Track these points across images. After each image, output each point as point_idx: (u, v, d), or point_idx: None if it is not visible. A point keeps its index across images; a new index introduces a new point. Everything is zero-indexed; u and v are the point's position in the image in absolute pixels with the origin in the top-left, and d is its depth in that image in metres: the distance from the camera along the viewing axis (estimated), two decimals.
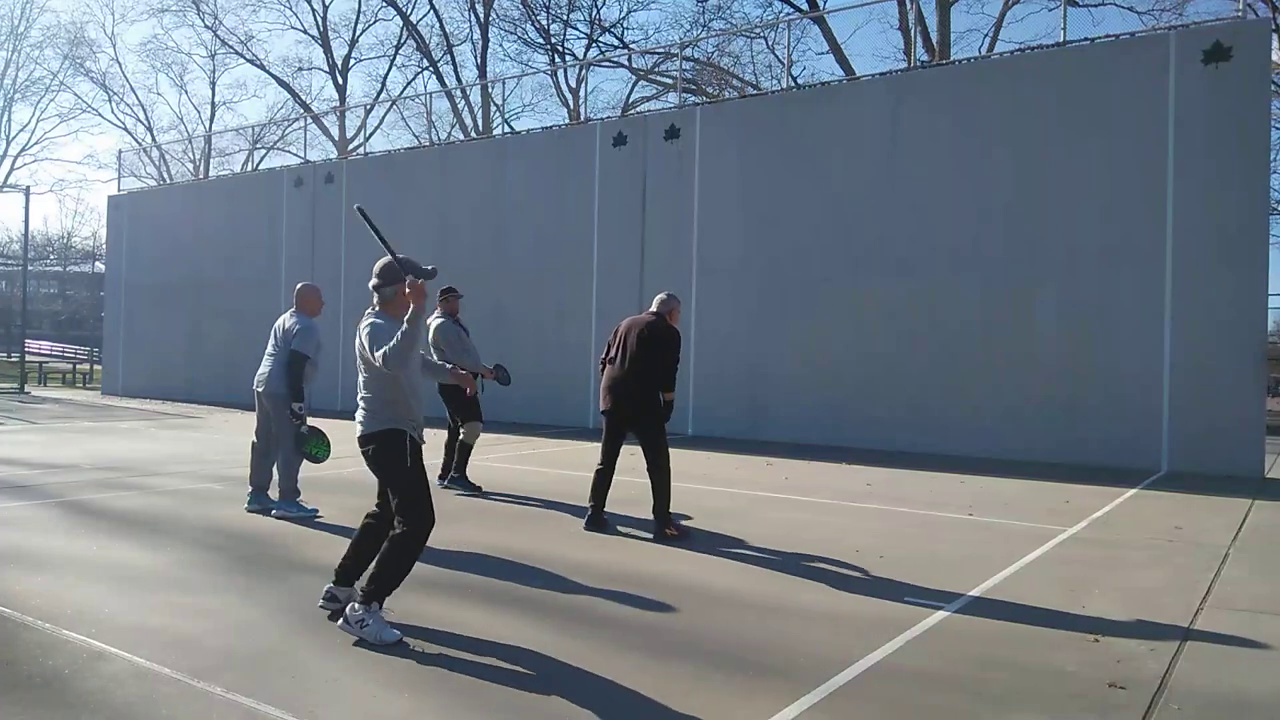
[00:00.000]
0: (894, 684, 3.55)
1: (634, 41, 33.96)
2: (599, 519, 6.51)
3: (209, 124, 44.81)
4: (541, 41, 33.18)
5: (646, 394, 6.32)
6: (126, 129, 51.43)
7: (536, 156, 16.63)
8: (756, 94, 20.03)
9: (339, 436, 6.63)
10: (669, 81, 29.76)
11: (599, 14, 35.22)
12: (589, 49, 32.66)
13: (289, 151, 38.30)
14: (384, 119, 37.93)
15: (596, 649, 3.89)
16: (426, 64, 35.72)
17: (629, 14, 53.66)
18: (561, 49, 33.38)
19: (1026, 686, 3.55)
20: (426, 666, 3.64)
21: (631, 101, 32.04)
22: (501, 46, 71.98)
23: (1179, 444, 10.81)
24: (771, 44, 27.16)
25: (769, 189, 13.87)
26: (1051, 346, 11.63)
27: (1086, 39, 12.08)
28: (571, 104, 32.71)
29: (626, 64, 31.71)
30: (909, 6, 23.25)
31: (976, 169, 12.25)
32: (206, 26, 40.87)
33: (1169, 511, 7.87)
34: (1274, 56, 13.99)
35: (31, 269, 43.68)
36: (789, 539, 6.27)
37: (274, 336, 6.92)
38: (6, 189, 42.24)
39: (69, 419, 15.86)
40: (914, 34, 22.64)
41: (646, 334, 6.33)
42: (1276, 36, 16.44)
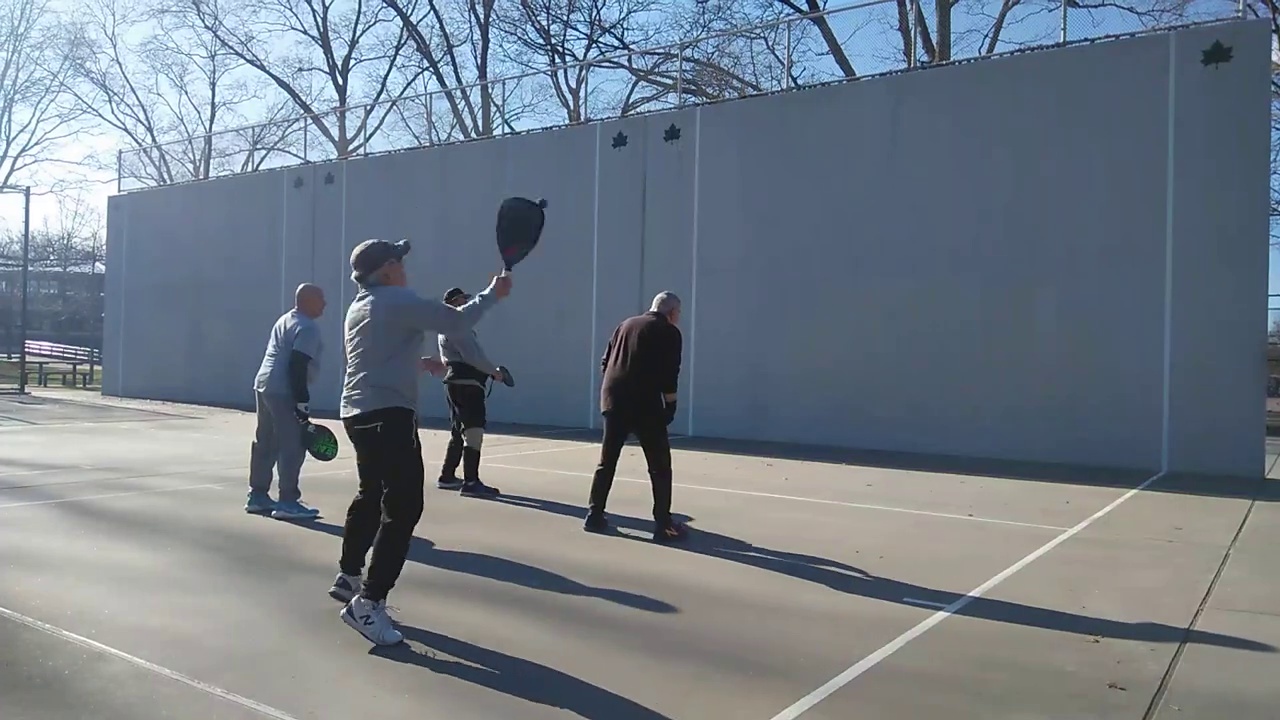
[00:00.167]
0: (894, 684, 3.55)
1: (634, 42, 33.98)
2: (599, 519, 6.51)
3: (209, 124, 44.85)
4: (541, 42, 33.22)
5: (648, 394, 6.31)
6: (126, 129, 51.47)
7: (536, 157, 16.63)
8: (756, 94, 20.04)
9: (343, 436, 6.63)
10: (669, 82, 29.76)
11: (599, 15, 35.30)
12: (589, 50, 32.68)
13: (289, 152, 38.34)
14: (384, 119, 37.99)
15: (596, 649, 3.89)
16: (426, 64, 35.75)
17: (629, 14, 53.79)
18: (561, 50, 33.41)
19: (1026, 687, 3.55)
20: (427, 667, 3.64)
21: (631, 102, 32.06)
22: (501, 47, 72.11)
23: (1179, 444, 10.81)
24: (771, 44, 27.19)
25: (769, 189, 13.87)
26: (1051, 346, 11.63)
27: (1086, 39, 12.08)
28: (571, 104, 32.73)
29: (626, 64, 31.72)
30: (909, 7, 23.25)
31: (976, 169, 12.25)
32: (206, 27, 40.91)
33: (1169, 512, 7.87)
34: (1274, 56, 14.00)
35: (32, 269, 43.68)
36: (789, 539, 6.27)
37: (275, 337, 6.92)
38: (6, 189, 42.26)
39: (69, 419, 15.86)
40: (914, 34, 22.64)
41: (647, 334, 6.33)
42: (1276, 36, 16.44)
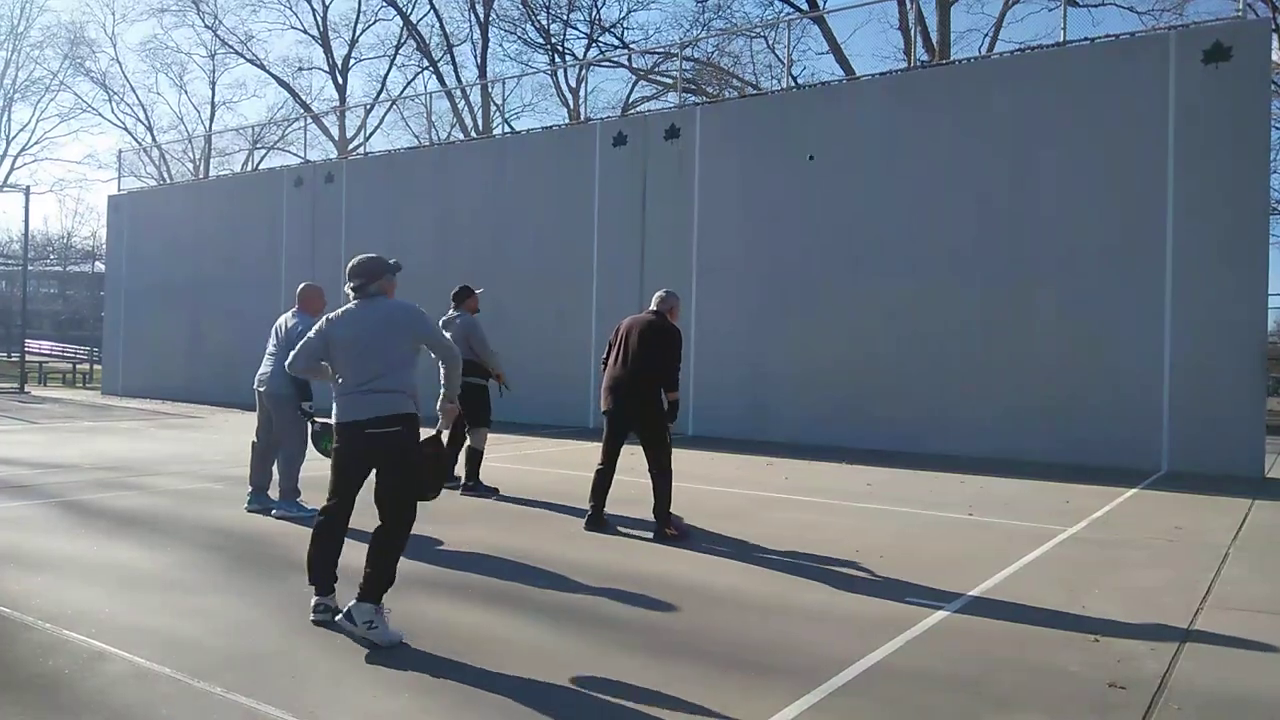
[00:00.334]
0: (895, 683, 3.55)
1: (634, 41, 33.99)
2: (599, 519, 6.51)
3: (209, 124, 44.84)
4: (541, 41, 33.23)
5: (648, 393, 6.31)
6: (126, 129, 51.55)
7: (536, 156, 16.63)
8: (756, 94, 20.04)
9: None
10: (669, 81, 29.76)
11: (599, 14, 35.26)
12: (589, 49, 32.68)
13: (289, 151, 38.31)
14: (384, 119, 38.00)
15: (597, 649, 3.89)
16: (426, 64, 35.76)
17: (629, 14, 53.82)
18: (561, 49, 33.41)
19: (1027, 686, 3.55)
20: (427, 667, 3.64)
21: (631, 101, 32.07)
22: (501, 46, 72.03)
23: (1179, 444, 10.81)
24: (771, 44, 27.19)
25: (769, 189, 13.87)
26: (1051, 346, 11.63)
27: (1086, 39, 12.08)
28: (571, 104, 32.72)
29: (626, 64, 31.73)
30: (909, 6, 23.26)
31: (976, 169, 12.25)
32: (206, 26, 40.95)
33: (1169, 511, 7.87)
34: (1274, 56, 14.00)
35: (31, 269, 43.65)
36: (789, 539, 6.27)
37: (275, 336, 6.92)
38: (6, 189, 42.28)
39: (69, 419, 15.86)
40: (914, 34, 22.64)
41: (647, 333, 6.33)
42: (1276, 36, 16.44)
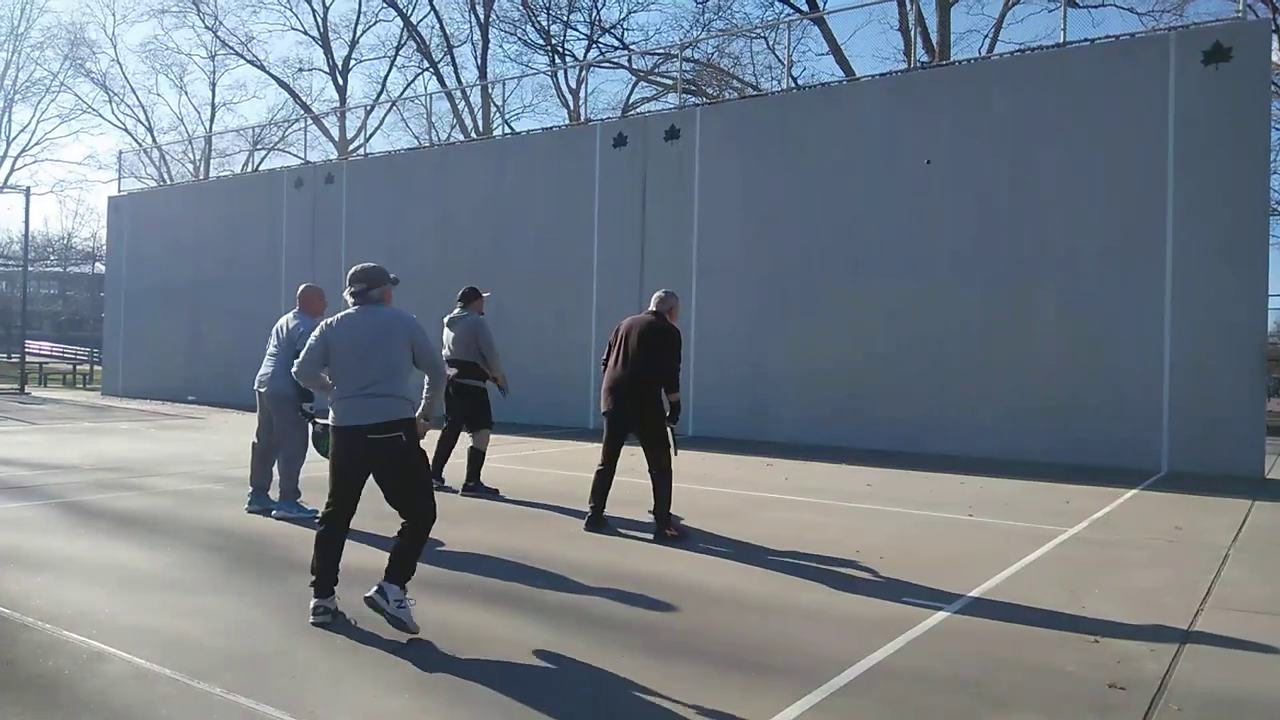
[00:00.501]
0: (894, 684, 3.55)
1: (634, 42, 33.96)
2: (599, 520, 6.51)
3: (209, 125, 44.84)
4: (541, 43, 33.22)
5: (648, 394, 6.32)
6: (127, 130, 51.57)
7: (536, 157, 16.63)
8: (756, 95, 20.04)
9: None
10: (669, 82, 29.76)
11: (599, 15, 35.29)
12: (589, 50, 32.69)
13: (289, 152, 38.32)
14: (384, 120, 37.96)
15: (597, 649, 3.89)
16: (427, 65, 35.75)
17: (629, 15, 53.85)
18: (561, 50, 33.41)
19: (1026, 687, 3.55)
20: (426, 666, 3.65)
21: (632, 102, 32.05)
22: (501, 47, 72.04)
23: (1179, 444, 10.81)
24: (771, 45, 27.19)
25: (769, 189, 13.87)
26: (1051, 346, 11.63)
27: (1086, 39, 12.08)
28: (572, 105, 32.74)
29: (626, 65, 31.72)
30: (909, 7, 23.26)
31: (976, 169, 12.25)
32: (206, 27, 40.90)
33: (1169, 512, 7.87)
34: (1274, 57, 14.00)
35: (32, 270, 43.66)
36: (789, 539, 6.27)
37: (275, 336, 6.92)
38: (7, 189, 42.27)
39: (69, 419, 15.86)
40: (914, 35, 22.64)
41: (646, 334, 6.33)
42: (1276, 37, 16.44)
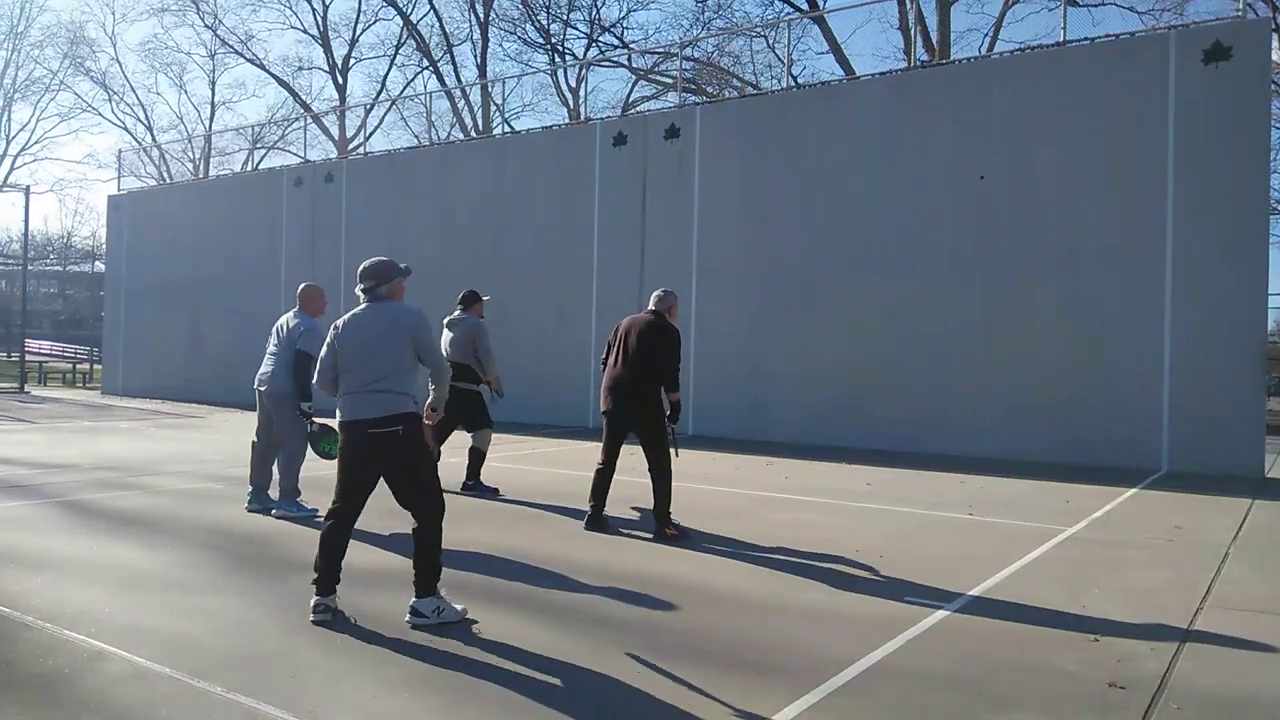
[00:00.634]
0: (894, 684, 3.55)
1: (634, 41, 33.99)
2: (599, 519, 6.51)
3: (209, 124, 44.85)
4: (541, 41, 33.22)
5: (647, 393, 6.32)
6: (126, 129, 51.58)
7: (536, 156, 16.62)
8: (756, 94, 20.03)
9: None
10: (669, 81, 29.76)
11: (599, 14, 35.23)
12: (589, 49, 32.68)
13: (289, 151, 38.30)
14: (384, 119, 38.00)
15: (597, 648, 3.89)
16: (426, 64, 35.76)
17: (629, 14, 53.84)
18: (561, 49, 33.41)
19: (1026, 686, 3.55)
20: (427, 666, 3.65)
21: (631, 101, 32.07)
22: (501, 46, 72.00)
23: (1179, 444, 10.81)
24: (771, 43, 27.18)
25: (769, 189, 13.87)
26: (1051, 346, 11.63)
27: (1086, 38, 12.08)
28: (571, 104, 32.71)
29: (626, 64, 31.73)
30: (909, 6, 23.25)
31: (976, 169, 12.25)
32: (206, 26, 40.96)
33: (1169, 511, 7.87)
34: (1274, 56, 13.99)
35: (31, 268, 43.67)
36: (789, 539, 6.27)
37: (276, 336, 6.92)
38: (6, 188, 42.28)
39: (69, 419, 15.86)
40: (914, 34, 22.63)
41: (646, 333, 6.33)
42: (1276, 36, 16.44)
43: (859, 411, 12.87)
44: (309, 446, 6.76)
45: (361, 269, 4.42)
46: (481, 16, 33.56)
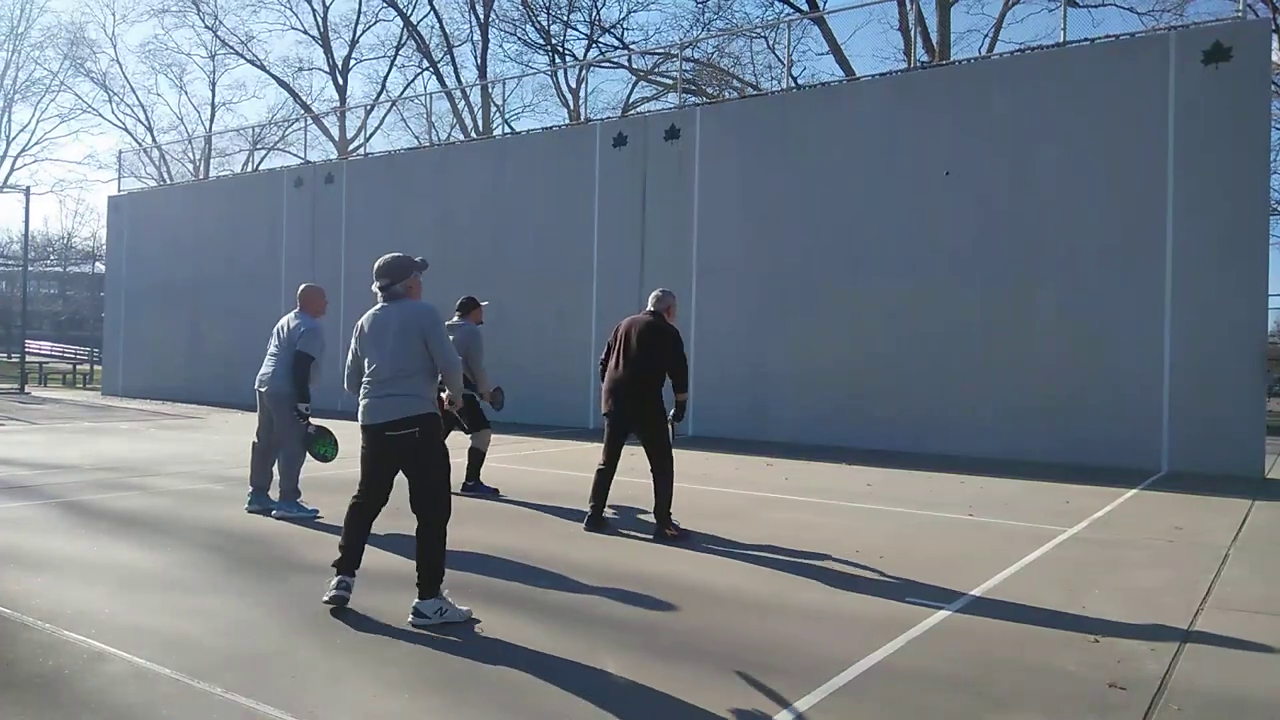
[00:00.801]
0: (894, 684, 3.55)
1: (634, 42, 33.96)
2: (599, 519, 6.51)
3: (209, 124, 44.86)
4: (541, 42, 33.21)
5: (648, 394, 6.32)
6: (126, 129, 51.63)
7: (536, 157, 16.63)
8: (756, 94, 20.04)
9: (343, 436, 6.65)
10: (669, 82, 29.76)
11: (599, 15, 35.26)
12: (589, 50, 32.68)
13: (289, 152, 38.35)
14: (384, 119, 38.00)
15: (597, 649, 3.89)
16: (426, 65, 35.75)
17: (629, 14, 53.84)
18: (561, 50, 33.41)
19: (1026, 686, 3.55)
20: (427, 666, 3.65)
21: (631, 102, 32.06)
22: (501, 47, 72.05)
23: (1179, 444, 10.81)
24: (772, 44, 27.20)
25: (769, 189, 13.87)
26: (1051, 346, 11.63)
27: (1086, 39, 12.08)
28: (571, 104, 32.74)
29: (626, 64, 31.72)
30: (909, 7, 23.26)
31: (976, 169, 12.25)
32: (206, 27, 40.92)
33: (1169, 511, 7.87)
34: (1274, 56, 13.99)
35: (32, 269, 43.67)
36: (789, 539, 6.28)
37: (277, 336, 6.92)
38: (6, 189, 42.26)
39: (69, 419, 15.86)
40: (914, 34, 22.64)
41: (646, 334, 6.34)
42: (1276, 36, 16.44)
43: (859, 411, 12.87)
44: (306, 448, 6.76)
45: (376, 266, 4.41)
46: (481, 17, 33.58)
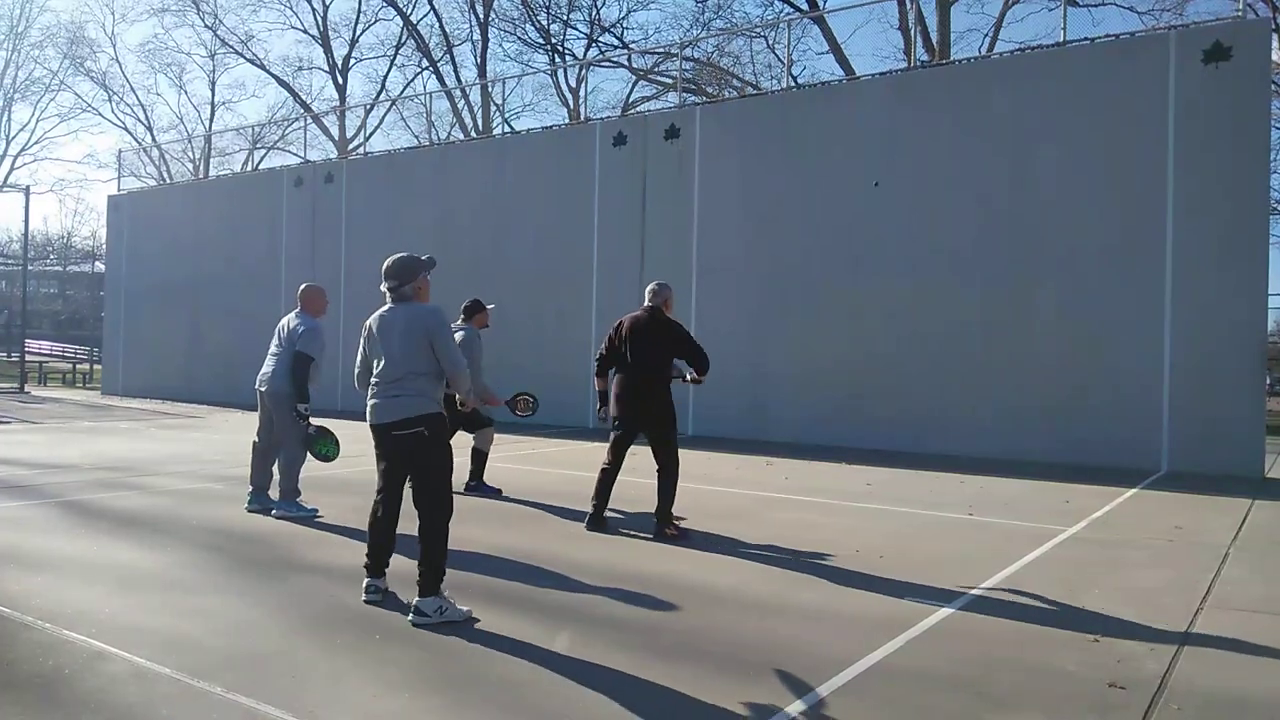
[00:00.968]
0: (894, 684, 3.55)
1: (634, 41, 33.98)
2: (600, 519, 6.49)
3: (209, 124, 44.85)
4: (541, 42, 33.21)
5: (659, 394, 6.29)
6: (126, 129, 51.56)
7: (536, 156, 16.63)
8: (756, 94, 20.03)
9: (344, 435, 6.66)
10: (669, 81, 29.76)
11: (599, 14, 35.23)
12: (589, 49, 32.68)
13: (289, 151, 38.30)
14: (384, 119, 38.00)
15: (597, 648, 3.89)
16: (426, 64, 35.75)
17: (629, 14, 53.92)
18: (561, 49, 33.40)
19: (1026, 686, 3.55)
20: (427, 666, 3.65)
21: (631, 101, 32.07)
22: (501, 47, 71.99)
23: (1179, 444, 10.81)
24: (771, 44, 27.19)
25: (769, 189, 13.87)
26: (1051, 346, 11.63)
27: (1086, 39, 12.08)
28: (571, 104, 32.73)
29: (626, 64, 31.73)
30: (909, 6, 23.26)
31: (976, 169, 12.25)
32: (206, 26, 40.93)
33: (1169, 511, 7.87)
34: (1274, 56, 13.99)
35: (31, 269, 43.68)
36: (789, 539, 6.27)
37: (278, 336, 6.92)
38: (6, 189, 42.27)
39: (69, 419, 15.86)
40: (914, 34, 22.64)
41: (649, 331, 6.30)
42: (1276, 36, 16.44)
43: (859, 411, 12.88)
44: (306, 448, 6.76)
45: (385, 267, 4.45)
46: (481, 17, 33.58)
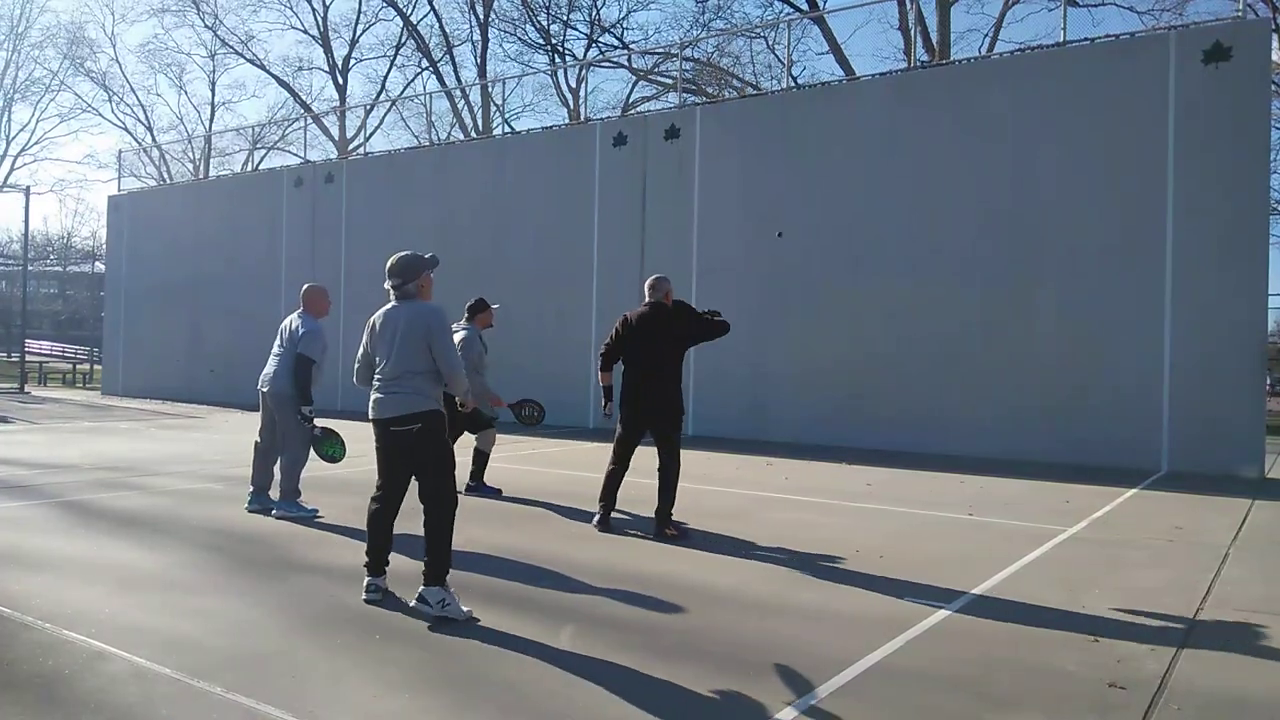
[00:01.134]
0: (894, 684, 3.55)
1: (634, 42, 33.98)
2: (607, 519, 6.45)
3: (209, 124, 44.85)
4: (541, 42, 33.22)
5: (671, 393, 6.28)
6: (126, 129, 51.54)
7: (536, 156, 16.63)
8: (756, 94, 20.04)
9: (348, 435, 6.65)
10: (669, 81, 29.77)
11: (599, 14, 35.26)
12: (589, 49, 32.68)
13: (289, 151, 38.31)
14: (384, 119, 38.00)
15: (598, 648, 3.89)
16: (426, 64, 35.75)
17: (629, 14, 53.98)
18: (561, 49, 33.41)
19: (1026, 686, 3.55)
20: (427, 666, 3.65)
21: (631, 101, 32.08)
22: (501, 47, 71.98)
23: (1179, 444, 10.81)
24: (771, 44, 27.21)
25: (769, 189, 13.87)
26: (1051, 346, 11.63)
27: (1086, 39, 12.08)
28: (571, 104, 32.74)
29: (626, 64, 31.74)
30: (909, 6, 23.26)
31: (976, 169, 12.25)
32: (206, 26, 40.95)
33: (1169, 511, 7.87)
34: (1274, 56, 14.00)
35: (31, 269, 43.68)
36: (789, 539, 6.27)
37: (280, 337, 6.92)
38: (6, 189, 42.29)
39: (69, 419, 15.86)
40: (914, 34, 22.64)
41: (666, 325, 6.26)
42: (1276, 36, 16.44)
43: (859, 411, 12.87)
44: (312, 449, 6.76)
45: (388, 265, 4.50)
46: (481, 17, 33.58)
